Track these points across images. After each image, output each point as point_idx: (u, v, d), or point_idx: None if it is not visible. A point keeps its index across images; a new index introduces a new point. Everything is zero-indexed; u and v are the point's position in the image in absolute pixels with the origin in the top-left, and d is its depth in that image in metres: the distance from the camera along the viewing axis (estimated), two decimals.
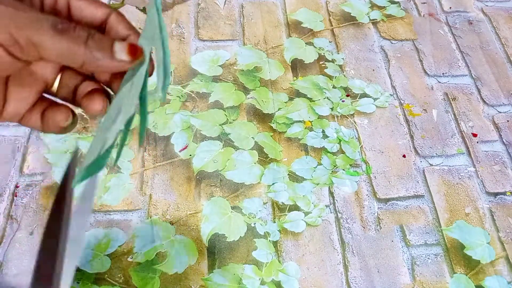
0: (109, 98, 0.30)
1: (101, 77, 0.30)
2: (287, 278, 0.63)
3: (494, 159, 0.77)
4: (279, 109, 0.80)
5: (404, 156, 0.77)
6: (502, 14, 1.00)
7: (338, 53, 0.89)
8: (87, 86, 0.30)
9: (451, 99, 0.85)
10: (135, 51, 0.26)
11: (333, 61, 0.88)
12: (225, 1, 0.97)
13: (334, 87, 0.84)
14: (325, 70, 0.86)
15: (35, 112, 0.30)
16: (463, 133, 0.80)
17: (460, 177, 0.75)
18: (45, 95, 0.31)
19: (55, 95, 0.31)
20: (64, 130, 0.30)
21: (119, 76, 0.29)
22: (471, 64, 0.90)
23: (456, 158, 0.77)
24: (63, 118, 0.29)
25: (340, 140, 0.77)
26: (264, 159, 0.74)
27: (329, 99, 0.82)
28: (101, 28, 0.29)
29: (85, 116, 0.76)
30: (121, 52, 0.26)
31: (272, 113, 0.79)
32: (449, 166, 0.76)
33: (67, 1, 0.28)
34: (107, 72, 0.29)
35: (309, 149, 0.76)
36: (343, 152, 0.76)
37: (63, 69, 0.30)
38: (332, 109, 0.81)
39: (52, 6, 0.28)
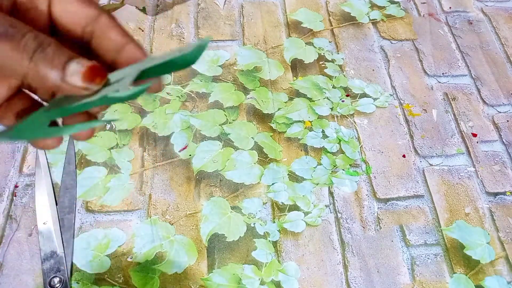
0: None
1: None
2: (286, 278, 0.63)
3: (494, 159, 0.77)
4: (279, 109, 0.80)
5: (404, 156, 0.77)
6: (502, 14, 1.00)
7: (338, 53, 0.89)
8: None
9: (451, 99, 0.85)
10: (94, 75, 0.21)
11: (333, 61, 0.88)
12: (225, 1, 0.97)
13: (334, 87, 0.84)
14: (325, 70, 0.86)
15: (9, 111, 0.25)
16: (463, 133, 0.80)
17: (460, 177, 0.75)
18: (28, 92, 0.26)
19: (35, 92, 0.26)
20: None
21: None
22: (471, 64, 0.90)
23: (456, 158, 0.77)
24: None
25: (340, 140, 0.77)
26: (264, 159, 0.74)
27: (329, 99, 0.82)
28: (85, 33, 0.24)
29: None
30: (74, 74, 0.21)
31: (272, 113, 0.79)
32: (449, 166, 0.76)
33: None
34: (56, 93, 0.23)
35: (309, 149, 0.76)
36: (343, 152, 0.76)
37: None
38: (332, 109, 0.81)
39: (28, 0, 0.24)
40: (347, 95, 0.83)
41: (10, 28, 0.21)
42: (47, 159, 0.69)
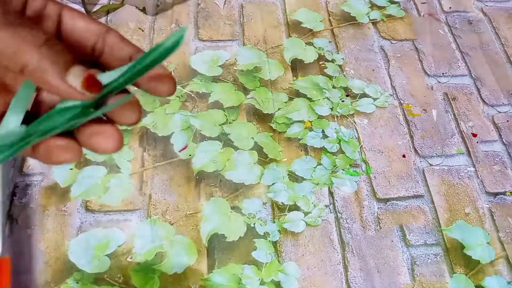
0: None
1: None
2: (286, 278, 0.63)
3: (494, 159, 0.77)
4: (279, 109, 0.80)
5: (404, 156, 0.76)
6: (502, 14, 1.00)
7: (338, 53, 0.89)
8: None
9: (451, 99, 0.85)
10: (92, 85, 0.21)
11: (333, 61, 0.88)
12: (225, 1, 0.97)
13: (334, 87, 0.84)
14: (325, 70, 0.86)
15: None
16: (463, 133, 0.80)
17: (460, 177, 0.75)
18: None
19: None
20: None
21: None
22: (471, 64, 0.90)
23: (456, 158, 0.77)
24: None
25: (340, 140, 0.77)
26: (264, 159, 0.74)
27: (329, 99, 0.82)
28: (96, 48, 0.24)
29: None
30: (76, 77, 0.21)
31: (272, 113, 0.79)
32: (449, 166, 0.76)
33: (58, 10, 0.24)
34: (48, 91, 0.23)
35: (309, 149, 0.76)
36: (343, 152, 0.76)
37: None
38: (332, 109, 0.81)
39: (38, 11, 0.23)
40: (347, 95, 0.83)
41: (13, 16, 0.21)
42: None
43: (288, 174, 0.72)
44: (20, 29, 0.20)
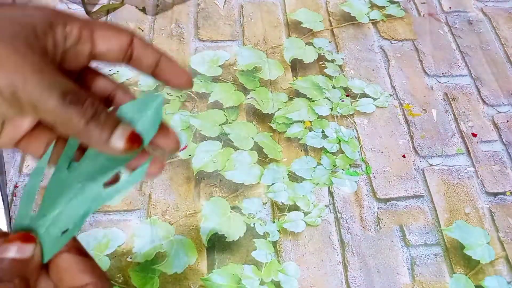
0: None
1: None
2: (286, 278, 0.63)
3: (494, 159, 0.77)
4: (278, 109, 0.80)
5: (403, 156, 0.76)
6: (502, 14, 1.00)
7: (338, 53, 0.89)
8: None
9: (450, 99, 0.85)
10: (133, 141, 0.25)
11: (332, 61, 0.88)
12: (225, 1, 0.97)
13: (333, 87, 0.84)
14: (325, 70, 0.86)
15: (36, 139, 0.27)
16: (463, 133, 0.80)
17: (459, 177, 0.75)
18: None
19: None
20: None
21: None
22: (471, 64, 0.90)
23: (455, 158, 0.77)
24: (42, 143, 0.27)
25: (339, 140, 0.77)
26: (264, 159, 0.74)
27: (328, 99, 0.82)
28: (125, 57, 0.27)
29: None
30: (119, 138, 0.25)
31: (271, 113, 0.79)
32: (449, 166, 0.76)
33: (90, 33, 0.26)
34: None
35: (309, 149, 0.76)
36: (342, 152, 0.76)
37: None
38: (331, 109, 0.81)
39: (75, 43, 0.26)
40: (347, 95, 0.83)
41: (70, 96, 0.23)
42: None
43: (288, 174, 0.72)
44: (69, 101, 0.23)
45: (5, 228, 0.64)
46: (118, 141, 0.25)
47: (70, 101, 0.23)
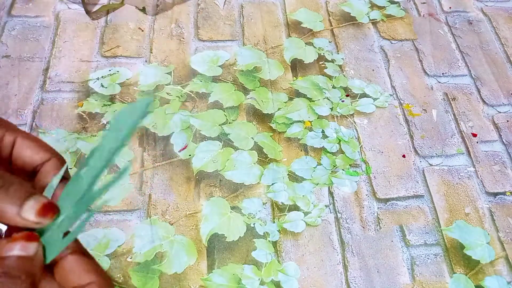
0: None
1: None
2: (286, 278, 0.63)
3: (494, 159, 0.77)
4: (278, 109, 0.80)
5: (403, 156, 0.76)
6: (502, 14, 1.00)
7: (338, 53, 0.89)
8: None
9: (450, 99, 0.85)
10: (47, 211, 0.25)
11: (332, 61, 0.88)
12: (225, 1, 0.97)
13: (333, 87, 0.84)
14: (325, 70, 0.86)
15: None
16: (463, 133, 0.80)
17: (460, 177, 0.75)
18: None
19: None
20: None
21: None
22: (471, 64, 0.90)
23: (455, 158, 0.77)
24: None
25: (339, 140, 0.77)
26: (264, 159, 0.74)
27: (328, 99, 0.82)
28: (36, 171, 0.29)
29: (84, 116, 0.76)
30: (29, 210, 0.25)
31: (271, 113, 0.79)
32: (449, 166, 0.76)
33: (13, 139, 0.28)
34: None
35: (309, 149, 0.76)
36: (342, 152, 0.76)
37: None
38: (331, 109, 0.81)
39: None
40: (347, 95, 0.83)
41: None
42: None
43: (288, 174, 0.72)
44: None
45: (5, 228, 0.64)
46: (29, 213, 0.25)
47: None
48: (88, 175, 0.27)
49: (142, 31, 0.90)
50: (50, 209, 0.25)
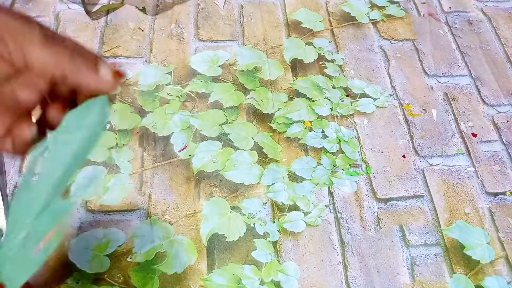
0: None
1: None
2: (286, 278, 0.63)
3: (494, 159, 0.77)
4: (278, 109, 0.80)
5: (403, 156, 0.76)
6: (502, 14, 1.00)
7: (338, 53, 0.89)
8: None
9: (450, 99, 0.85)
10: (118, 74, 0.28)
11: (332, 61, 0.88)
12: (225, 1, 0.97)
13: (334, 87, 0.84)
14: (325, 70, 0.86)
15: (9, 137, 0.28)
16: (463, 133, 0.80)
17: (459, 177, 0.75)
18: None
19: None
20: (28, 145, 0.28)
21: None
22: (471, 64, 0.90)
23: (455, 158, 0.77)
24: (27, 128, 0.28)
25: (339, 140, 0.77)
26: (264, 159, 0.74)
27: (328, 99, 0.82)
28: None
29: None
30: (105, 70, 0.27)
31: (271, 113, 0.79)
32: (449, 166, 0.76)
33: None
34: (88, 91, 0.28)
35: (309, 149, 0.76)
36: (342, 152, 0.76)
37: (46, 102, 0.29)
38: (331, 109, 0.81)
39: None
40: (347, 95, 0.83)
41: (50, 38, 0.26)
42: None
43: (288, 174, 0.72)
44: (57, 48, 0.26)
45: (4, 228, 0.64)
46: (106, 72, 0.27)
47: (51, 43, 0.26)
48: (44, 184, 0.25)
49: (142, 31, 0.90)
50: (120, 73, 0.28)
